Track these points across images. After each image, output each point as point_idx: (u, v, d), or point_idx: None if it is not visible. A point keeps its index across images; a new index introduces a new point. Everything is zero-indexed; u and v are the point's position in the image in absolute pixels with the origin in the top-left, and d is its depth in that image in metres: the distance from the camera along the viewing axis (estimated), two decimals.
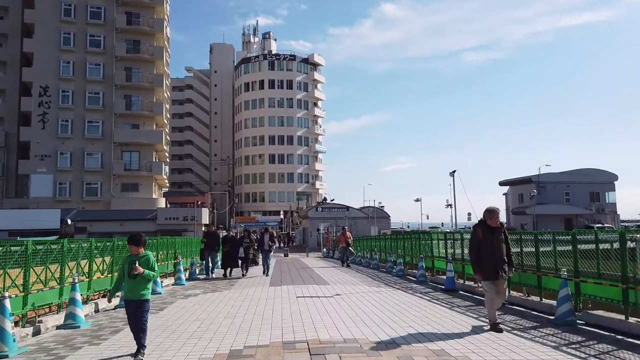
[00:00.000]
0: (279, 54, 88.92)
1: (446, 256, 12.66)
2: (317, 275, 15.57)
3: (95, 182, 49.51)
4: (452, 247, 12.63)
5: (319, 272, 17.07)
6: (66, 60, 49.31)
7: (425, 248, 14.67)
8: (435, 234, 14.06)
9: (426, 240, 14.60)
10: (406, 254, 16.57)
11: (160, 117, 52.63)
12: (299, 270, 19.18)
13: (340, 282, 13.36)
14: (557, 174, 53.73)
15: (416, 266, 15.78)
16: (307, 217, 53.88)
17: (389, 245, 18.92)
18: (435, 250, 13.84)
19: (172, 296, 10.93)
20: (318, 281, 13.39)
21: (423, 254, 14.15)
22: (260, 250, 16.46)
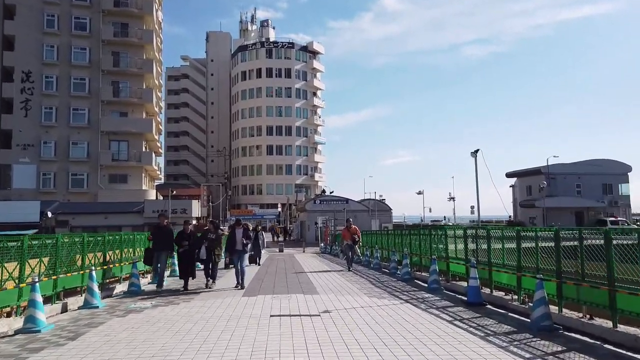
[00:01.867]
0: (277, 42, 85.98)
1: (466, 258, 10.09)
2: (306, 279, 12.92)
3: (81, 173, 46.97)
4: (474, 245, 10.03)
5: (310, 274, 14.46)
6: (50, 44, 46.62)
7: (438, 247, 12.08)
8: (451, 228, 11.48)
9: (439, 237, 12.01)
10: (413, 253, 13.99)
11: (150, 105, 49.94)
12: (288, 270, 16.62)
13: (333, 289, 10.75)
14: (567, 164, 51.01)
15: (426, 268, 13.21)
16: (305, 210, 51.34)
17: (393, 242, 16.36)
18: (451, 250, 11.25)
19: (110, 312, 8.34)
20: (306, 288, 10.80)
21: (436, 255, 11.56)
22: (230, 252, 11.88)
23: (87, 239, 9.73)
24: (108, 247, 10.94)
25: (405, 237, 15.31)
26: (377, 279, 13.17)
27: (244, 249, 11.70)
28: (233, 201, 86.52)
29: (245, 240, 11.63)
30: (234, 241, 11.64)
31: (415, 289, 10.87)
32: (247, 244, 11.75)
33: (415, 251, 13.99)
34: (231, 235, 11.87)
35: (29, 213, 37.81)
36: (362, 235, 24.83)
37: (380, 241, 18.96)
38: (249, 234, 12.01)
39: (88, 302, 8.72)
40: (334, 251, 30.98)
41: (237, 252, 11.60)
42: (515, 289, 8.29)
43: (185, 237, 11.66)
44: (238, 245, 11.58)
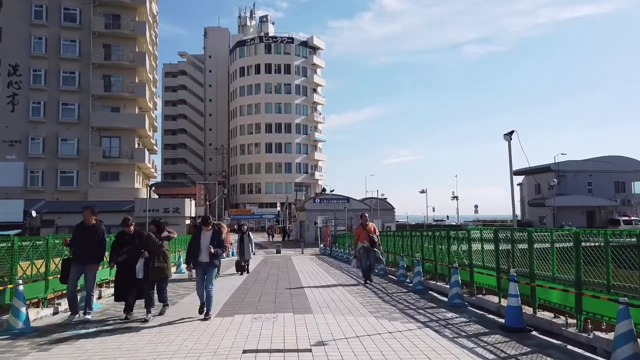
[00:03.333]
0: (276, 37, 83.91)
1: (498, 268, 8.03)
2: (300, 290, 10.88)
3: (71, 170, 45.02)
4: (508, 251, 7.99)
5: (305, 282, 12.42)
6: (38, 36, 44.69)
7: (458, 252, 10.03)
8: (476, 230, 9.43)
9: (460, 241, 9.97)
10: (426, 259, 11.95)
11: (143, 100, 47.93)
12: (280, 277, 14.59)
13: (331, 306, 8.66)
14: (578, 161, 48.94)
15: (442, 276, 11.18)
16: (304, 209, 49.30)
17: (401, 244, 14.32)
18: (475, 257, 9.20)
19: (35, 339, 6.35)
20: (298, 305, 8.74)
21: (457, 262, 9.52)
22: (193, 263, 8.06)
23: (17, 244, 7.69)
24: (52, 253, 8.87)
25: (416, 239, 13.25)
26: (383, 289, 11.13)
27: (212, 261, 7.79)
28: (231, 200, 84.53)
29: (213, 248, 7.66)
30: (196, 248, 7.84)
31: (432, 305, 8.81)
32: (216, 253, 7.74)
33: (429, 256, 11.94)
34: (193, 239, 7.97)
35: (11, 212, 35.83)
36: None
37: (385, 243, 16.90)
38: (221, 238, 7.99)
39: (12, 326, 6.69)
40: (335, 253, 28.96)
41: (201, 265, 7.81)
42: (571, 311, 6.24)
43: (125, 242, 8.04)
44: (202, 255, 7.75)
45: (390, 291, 10.78)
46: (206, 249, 7.75)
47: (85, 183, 44.79)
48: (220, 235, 8.00)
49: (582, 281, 6.08)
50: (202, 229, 8.00)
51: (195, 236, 8.04)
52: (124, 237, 8.16)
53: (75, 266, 7.78)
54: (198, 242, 7.90)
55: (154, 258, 7.87)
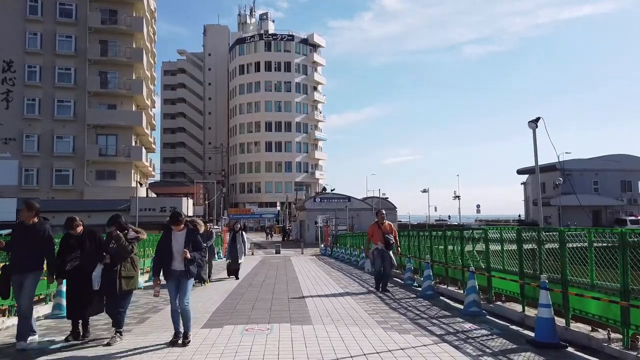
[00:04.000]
0: (276, 34, 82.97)
1: (521, 272, 7.12)
2: (299, 295, 9.92)
3: (67, 168, 44.11)
4: (534, 254, 7.07)
5: (304, 287, 11.49)
6: (33, 32, 43.80)
7: (472, 254, 9.09)
8: (493, 229, 8.47)
9: (475, 242, 9.03)
10: (435, 261, 11.02)
11: (141, 97, 47.00)
12: (278, 279, 13.68)
13: (333, 314, 7.72)
14: (584, 160, 48.00)
15: (453, 280, 10.25)
16: (304, 208, 48.38)
17: (407, 245, 13.38)
18: (494, 259, 8.27)
19: None
20: (296, 314, 7.81)
21: (473, 265, 8.59)
22: (160, 272, 6.35)
23: None
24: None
25: (424, 240, 12.32)
26: (390, 294, 10.20)
27: (188, 268, 6.05)
28: (231, 200, 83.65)
29: (190, 253, 5.99)
30: (167, 254, 6.03)
31: (446, 314, 7.88)
32: (193, 258, 6.05)
33: (439, 258, 11.01)
34: (162, 243, 6.19)
35: (4, 211, 34.90)
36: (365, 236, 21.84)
37: None
38: (197, 238, 6.23)
39: None
40: (335, 253, 28.05)
41: (174, 275, 6.04)
42: (615, 324, 5.32)
43: (72, 246, 6.38)
44: (175, 262, 6.02)
45: (397, 296, 9.85)
46: (180, 253, 5.99)
47: (81, 182, 43.92)
48: (196, 236, 6.21)
49: (630, 289, 5.15)
50: (173, 229, 6.13)
51: (164, 238, 6.17)
52: (70, 241, 6.46)
53: (15, 276, 6.07)
54: (169, 245, 6.05)
55: (120, 264, 6.11)
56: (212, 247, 13.55)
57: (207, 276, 12.57)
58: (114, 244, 6.14)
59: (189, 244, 6.11)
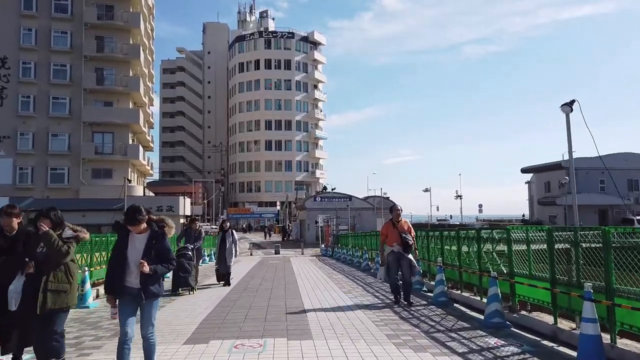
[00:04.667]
0: (276, 32, 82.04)
1: (553, 279, 6.20)
2: (298, 302, 8.90)
3: (62, 167, 43.20)
4: (567, 256, 6.14)
5: (305, 296, 10.54)
6: (28, 27, 42.90)
7: (491, 257, 8.14)
8: (515, 229, 7.48)
9: (495, 243, 8.08)
10: (447, 264, 10.08)
11: (138, 94, 46.08)
12: (276, 283, 12.76)
13: (336, 329, 6.80)
14: (590, 158, 46.83)
15: (468, 285, 9.32)
16: (305, 208, 47.44)
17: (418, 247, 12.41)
18: (517, 263, 7.32)
19: None
20: (294, 325, 6.83)
21: (494, 269, 7.65)
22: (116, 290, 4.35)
23: None
24: None
25: (434, 241, 11.38)
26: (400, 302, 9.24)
27: (148, 287, 4.32)
28: (230, 199, 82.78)
29: (149, 265, 4.25)
30: (120, 266, 4.37)
31: (464, 325, 6.95)
32: (154, 272, 4.27)
33: (451, 261, 10.07)
34: (115, 248, 4.51)
35: None
36: (368, 236, 20.90)
37: None
38: (164, 245, 4.43)
39: None
40: (336, 254, 27.13)
41: (130, 294, 4.34)
42: None
43: None
44: (129, 278, 4.34)
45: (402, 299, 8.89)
46: (134, 263, 4.25)
47: (76, 180, 43.02)
48: (162, 241, 4.38)
49: None
50: (131, 231, 4.35)
51: (117, 244, 4.44)
52: None
53: None
54: (122, 253, 4.32)
55: (49, 273, 4.49)
56: (200, 249, 12.14)
57: (195, 282, 11.26)
58: (43, 247, 4.54)
59: (149, 253, 4.27)
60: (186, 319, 7.42)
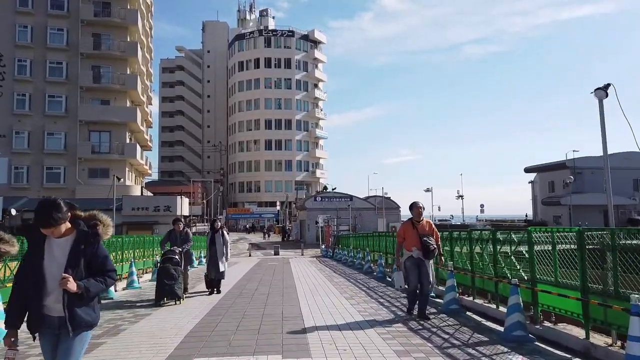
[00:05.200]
0: (276, 30, 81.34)
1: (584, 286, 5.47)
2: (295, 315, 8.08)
3: (58, 166, 42.53)
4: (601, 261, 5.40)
5: (303, 301, 9.78)
6: (23, 24, 42.27)
7: (509, 261, 7.38)
8: (538, 230, 6.70)
9: (513, 244, 7.32)
10: (458, 267, 9.33)
11: (135, 92, 45.38)
12: (272, 287, 12.02)
13: (338, 344, 5.95)
14: (595, 157, 46.18)
15: (481, 291, 8.57)
16: (305, 208, 46.71)
17: None
18: (539, 267, 6.57)
19: None
20: (290, 340, 6.00)
21: (513, 275, 6.90)
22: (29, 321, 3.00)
23: None
24: None
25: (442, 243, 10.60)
26: (405, 308, 8.51)
27: (74, 314, 2.97)
28: (230, 199, 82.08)
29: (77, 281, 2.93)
30: (35, 284, 2.99)
31: (482, 338, 6.20)
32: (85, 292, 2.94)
33: (462, 265, 9.32)
34: (28, 260, 3.07)
35: None
36: (370, 237, 20.16)
37: None
38: (99, 254, 3.07)
39: None
40: (337, 255, 26.39)
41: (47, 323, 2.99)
42: None
43: None
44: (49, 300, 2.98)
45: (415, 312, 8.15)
46: (58, 281, 2.94)
47: (73, 180, 42.34)
48: (95, 245, 3.10)
49: None
50: (47, 236, 3.04)
51: (30, 254, 3.11)
52: None
53: None
54: (38, 266, 3.02)
55: None
56: (188, 252, 10.76)
57: (182, 291, 9.75)
58: None
59: (76, 263, 3.01)
60: (171, 331, 6.67)
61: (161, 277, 9.20)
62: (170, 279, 9.19)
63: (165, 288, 9.15)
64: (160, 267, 9.46)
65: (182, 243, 10.18)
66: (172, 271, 9.24)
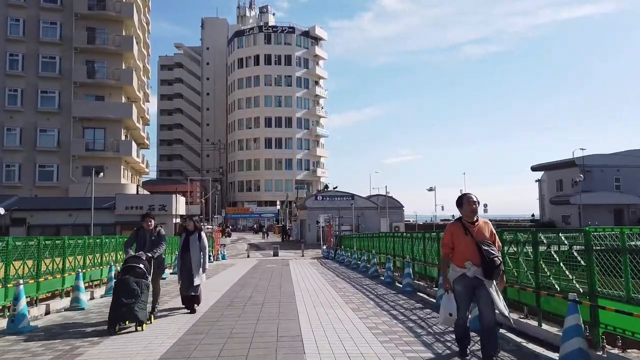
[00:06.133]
0: (277, 26, 79.99)
1: None
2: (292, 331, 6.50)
3: (51, 164, 41.33)
4: None
5: (303, 313, 8.38)
6: (15, 17, 41.16)
7: (558, 269, 6.01)
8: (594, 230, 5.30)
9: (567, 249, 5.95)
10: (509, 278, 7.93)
11: (131, 88, 44.09)
12: (268, 293, 10.69)
13: None
14: (605, 155, 44.92)
15: (517, 304, 7.19)
16: (305, 207, 45.36)
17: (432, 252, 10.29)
18: (606, 278, 5.20)
19: None
20: None
21: (564, 287, 5.56)
22: None
23: None
24: None
25: None
26: (423, 324, 7.13)
27: None
28: (229, 198, 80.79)
29: None
30: None
31: None
32: None
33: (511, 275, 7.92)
34: None
35: None
36: (376, 238, 18.78)
37: (407, 248, 12.91)
38: None
39: None
40: (339, 257, 25.06)
41: None
42: None
43: None
44: None
45: (434, 328, 6.80)
46: None
47: (66, 178, 41.10)
48: None
49: None
50: None
51: None
52: None
53: None
54: None
55: None
56: (161, 258, 8.31)
57: (148, 311, 7.27)
58: None
59: None
60: (136, 358, 5.29)
61: (117, 293, 6.77)
62: (129, 296, 6.71)
63: (122, 309, 6.65)
64: (117, 280, 7.07)
65: (153, 246, 7.76)
66: (133, 286, 6.80)
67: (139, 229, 8.08)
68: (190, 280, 8.23)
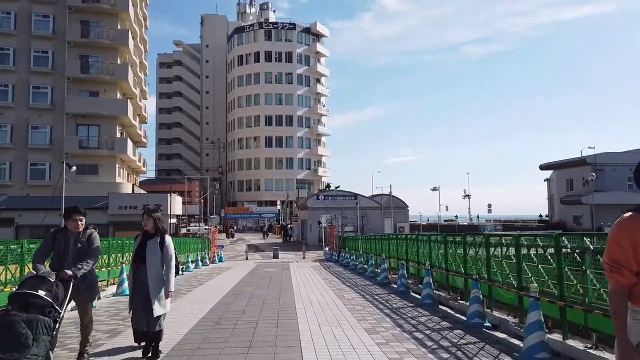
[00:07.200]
0: (277, 23, 78.52)
1: None
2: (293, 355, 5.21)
3: (43, 162, 39.98)
4: None
5: (305, 334, 6.88)
6: (6, 10, 39.85)
7: None
8: None
9: None
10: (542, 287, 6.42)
11: (126, 83, 42.67)
12: (265, 306, 9.19)
13: None
14: (617, 154, 43.39)
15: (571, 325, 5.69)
16: (306, 207, 43.85)
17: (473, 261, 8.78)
18: None
19: None
20: None
21: None
22: None
23: None
24: None
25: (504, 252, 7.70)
26: (460, 354, 5.61)
27: None
28: (229, 198, 79.33)
29: None
30: None
31: None
32: None
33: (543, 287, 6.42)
34: None
35: None
36: (385, 241, 17.25)
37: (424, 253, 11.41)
38: None
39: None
40: (342, 259, 23.56)
41: None
42: None
43: None
44: None
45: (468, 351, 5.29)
46: None
47: (59, 176, 39.60)
48: None
49: None
50: None
51: None
52: None
53: None
54: None
55: None
56: (91, 276, 5.29)
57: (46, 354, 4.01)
58: None
59: None
60: None
61: None
62: (11, 348, 3.76)
63: None
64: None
65: (78, 259, 5.04)
66: (20, 329, 3.82)
67: (58, 231, 5.29)
68: (146, 309, 5.29)
